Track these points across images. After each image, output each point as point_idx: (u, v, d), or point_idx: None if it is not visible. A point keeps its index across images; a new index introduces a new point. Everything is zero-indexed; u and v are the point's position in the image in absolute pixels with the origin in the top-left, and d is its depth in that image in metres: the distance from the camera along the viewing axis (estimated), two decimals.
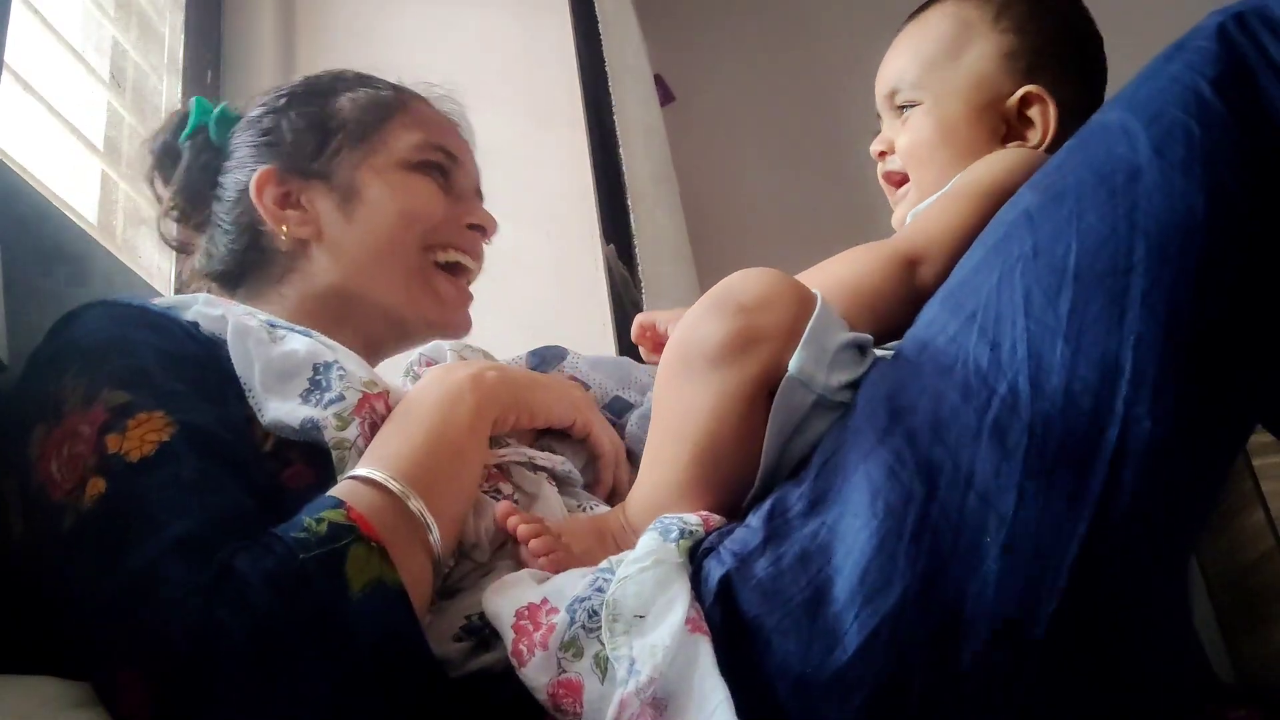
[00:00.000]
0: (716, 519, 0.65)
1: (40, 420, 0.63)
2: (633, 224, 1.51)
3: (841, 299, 0.69)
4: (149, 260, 1.22)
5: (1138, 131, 0.55)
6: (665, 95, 2.35)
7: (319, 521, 0.58)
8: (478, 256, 0.94)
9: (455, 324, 0.92)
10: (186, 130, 0.92)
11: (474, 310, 0.94)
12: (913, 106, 0.84)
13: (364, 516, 0.59)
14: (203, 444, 0.61)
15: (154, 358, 0.66)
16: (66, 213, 0.96)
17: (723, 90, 2.58)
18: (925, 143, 0.82)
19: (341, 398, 0.69)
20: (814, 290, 0.66)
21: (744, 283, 0.66)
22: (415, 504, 0.63)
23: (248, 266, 0.88)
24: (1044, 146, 0.79)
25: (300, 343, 0.73)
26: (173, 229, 0.94)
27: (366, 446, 0.67)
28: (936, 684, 0.52)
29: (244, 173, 0.89)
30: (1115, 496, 0.51)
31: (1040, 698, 0.52)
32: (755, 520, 0.60)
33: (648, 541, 0.61)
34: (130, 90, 1.33)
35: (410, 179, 0.89)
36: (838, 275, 0.73)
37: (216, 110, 0.93)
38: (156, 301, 0.77)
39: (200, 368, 0.69)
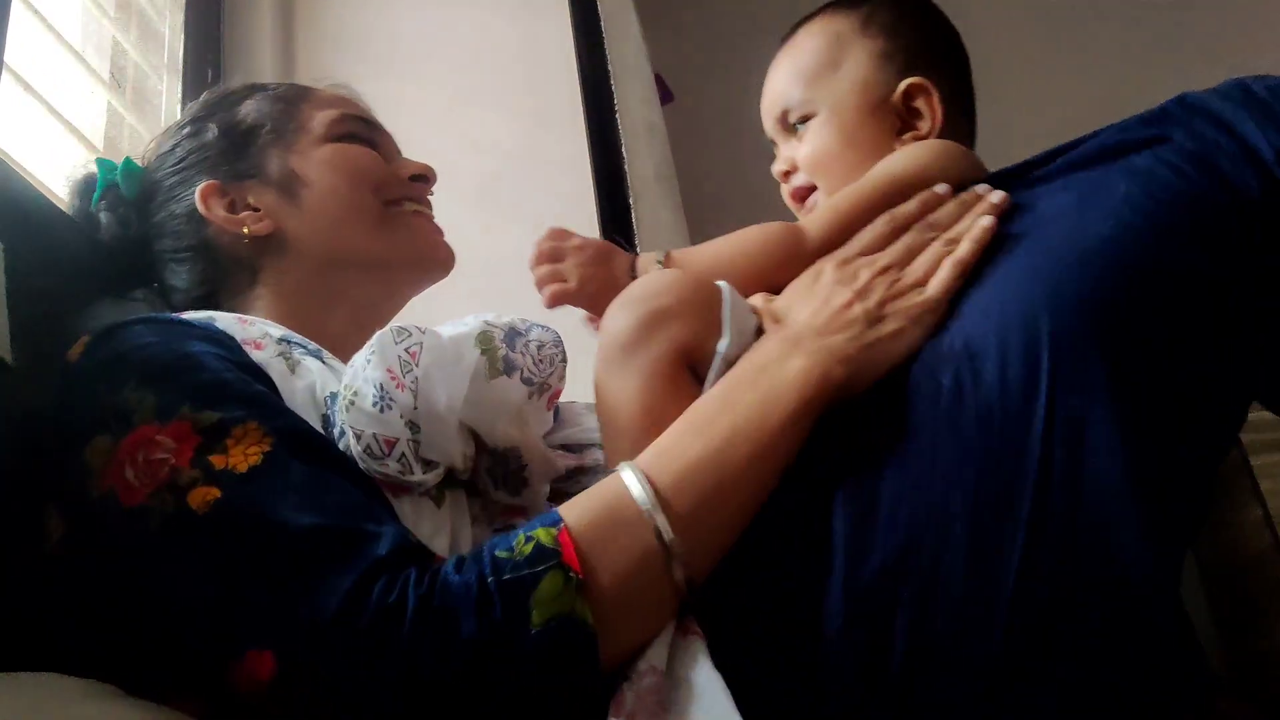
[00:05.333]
0: None
1: (100, 431, 0.61)
2: (634, 223, 1.51)
3: (741, 267, 0.76)
4: None
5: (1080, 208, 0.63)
6: (665, 95, 2.35)
7: (528, 541, 0.56)
8: (429, 206, 0.96)
9: (439, 257, 0.93)
10: (95, 196, 0.92)
11: (472, 311, 0.94)
12: (805, 121, 0.86)
13: (575, 541, 0.55)
14: (302, 448, 0.61)
15: (223, 366, 0.65)
16: (67, 212, 0.96)
17: (723, 90, 2.58)
18: (827, 150, 0.84)
19: (344, 433, 0.67)
20: (718, 283, 0.72)
21: (643, 281, 0.73)
22: (664, 527, 0.57)
23: (216, 285, 0.88)
24: (935, 132, 0.83)
25: (314, 369, 0.73)
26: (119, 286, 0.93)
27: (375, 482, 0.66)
28: (916, 647, 0.55)
29: (179, 203, 0.89)
30: (1050, 470, 0.56)
31: (1012, 658, 0.55)
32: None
33: None
34: (130, 90, 1.33)
35: (337, 147, 0.90)
36: (740, 247, 0.79)
37: (120, 167, 0.93)
38: (186, 316, 0.76)
39: (263, 377, 0.69)
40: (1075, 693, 0.55)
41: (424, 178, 0.95)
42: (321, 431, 0.68)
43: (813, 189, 0.87)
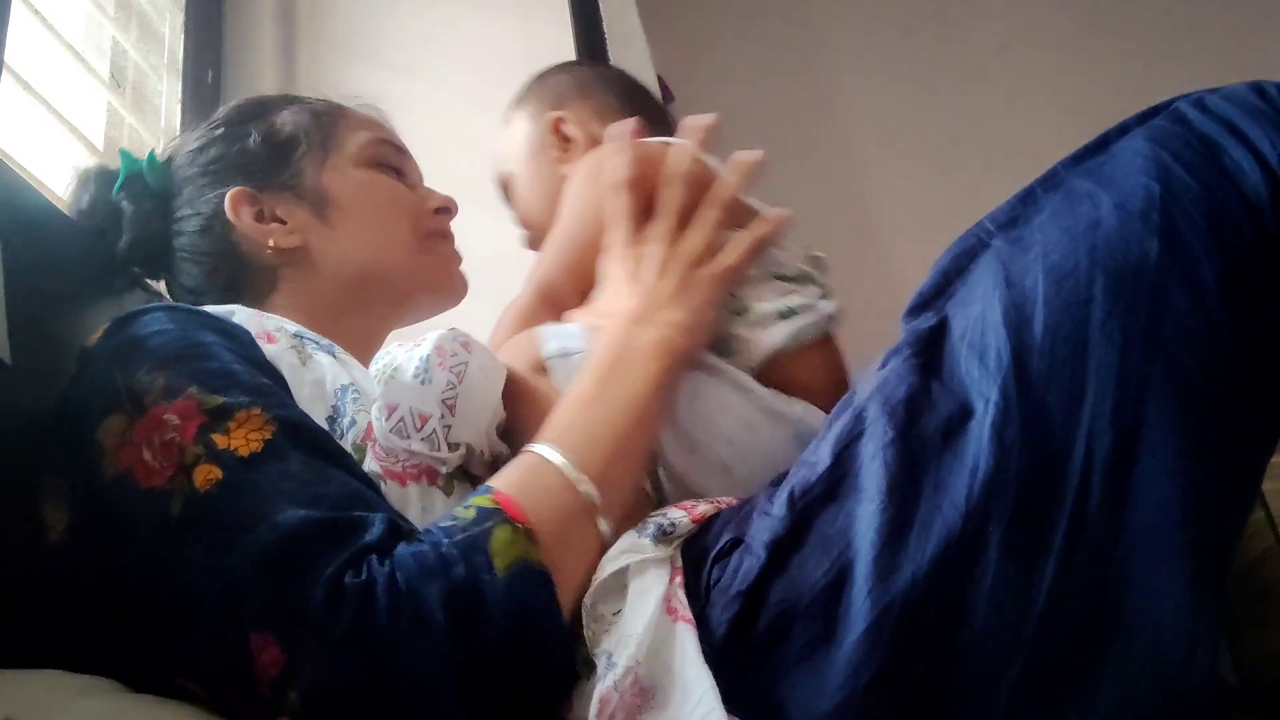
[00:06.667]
0: (701, 510, 0.67)
1: (114, 411, 0.62)
2: None
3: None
4: None
5: (1102, 195, 0.61)
6: (666, 96, 2.35)
7: (467, 508, 0.60)
8: (452, 237, 0.99)
9: (459, 287, 0.97)
10: (118, 184, 0.92)
11: (472, 311, 0.94)
12: (510, 190, 1.02)
13: (511, 499, 0.60)
14: (302, 439, 0.62)
15: (232, 357, 0.66)
16: (67, 212, 0.96)
17: (723, 91, 2.58)
18: (522, 199, 1.01)
19: (354, 422, 0.70)
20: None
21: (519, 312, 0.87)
22: (585, 487, 0.64)
23: (233, 288, 0.89)
24: (588, 145, 0.95)
25: (325, 364, 0.74)
26: (133, 276, 0.94)
27: (383, 471, 0.68)
28: (937, 664, 0.55)
29: (204, 203, 0.89)
30: (1087, 497, 0.55)
31: (1033, 682, 0.54)
32: (778, 508, 0.62)
33: (623, 541, 0.64)
34: (130, 90, 1.33)
35: (371, 174, 0.92)
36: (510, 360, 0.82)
37: (146, 159, 0.93)
38: (207, 308, 0.76)
39: (271, 372, 0.69)
40: (1071, 683, 0.55)
41: (447, 210, 0.97)
42: (326, 425, 0.69)
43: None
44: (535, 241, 0.99)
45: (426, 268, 0.93)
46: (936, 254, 0.72)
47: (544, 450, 0.65)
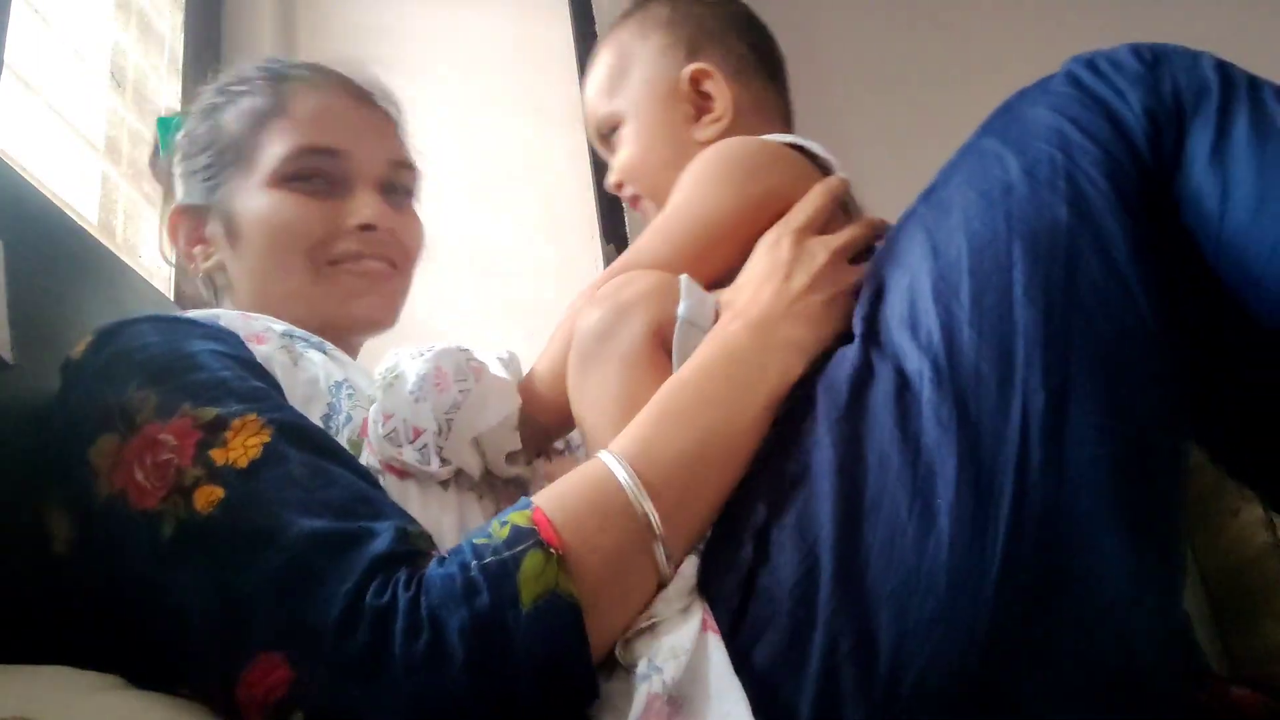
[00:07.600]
0: None
1: (105, 430, 0.61)
2: (627, 223, 1.51)
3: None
4: (149, 260, 1.23)
5: (1010, 158, 0.63)
6: None
7: (503, 525, 0.56)
8: (381, 256, 0.87)
9: (362, 316, 0.86)
10: (161, 151, 0.95)
11: (473, 310, 0.94)
12: (615, 132, 0.90)
13: (550, 519, 0.56)
14: (301, 440, 0.61)
15: (222, 364, 0.65)
16: (67, 212, 0.97)
17: None
18: (635, 152, 0.88)
19: (350, 419, 0.69)
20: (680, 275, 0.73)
21: (609, 282, 0.74)
22: (648, 511, 0.58)
23: (191, 286, 0.92)
24: (729, 110, 0.86)
25: (317, 361, 0.73)
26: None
27: (382, 465, 0.67)
28: (905, 638, 0.55)
29: (173, 199, 0.91)
30: (1028, 459, 0.56)
31: (1000, 645, 0.55)
32: (759, 499, 0.63)
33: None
34: (130, 90, 1.33)
35: (276, 197, 0.84)
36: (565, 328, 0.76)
37: (165, 127, 0.93)
38: (190, 314, 0.76)
39: (263, 374, 0.69)
40: (1058, 686, 0.55)
41: (371, 226, 0.85)
42: (322, 424, 0.68)
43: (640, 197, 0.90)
44: (628, 194, 0.91)
45: (322, 298, 0.84)
46: None
47: (612, 464, 0.60)
